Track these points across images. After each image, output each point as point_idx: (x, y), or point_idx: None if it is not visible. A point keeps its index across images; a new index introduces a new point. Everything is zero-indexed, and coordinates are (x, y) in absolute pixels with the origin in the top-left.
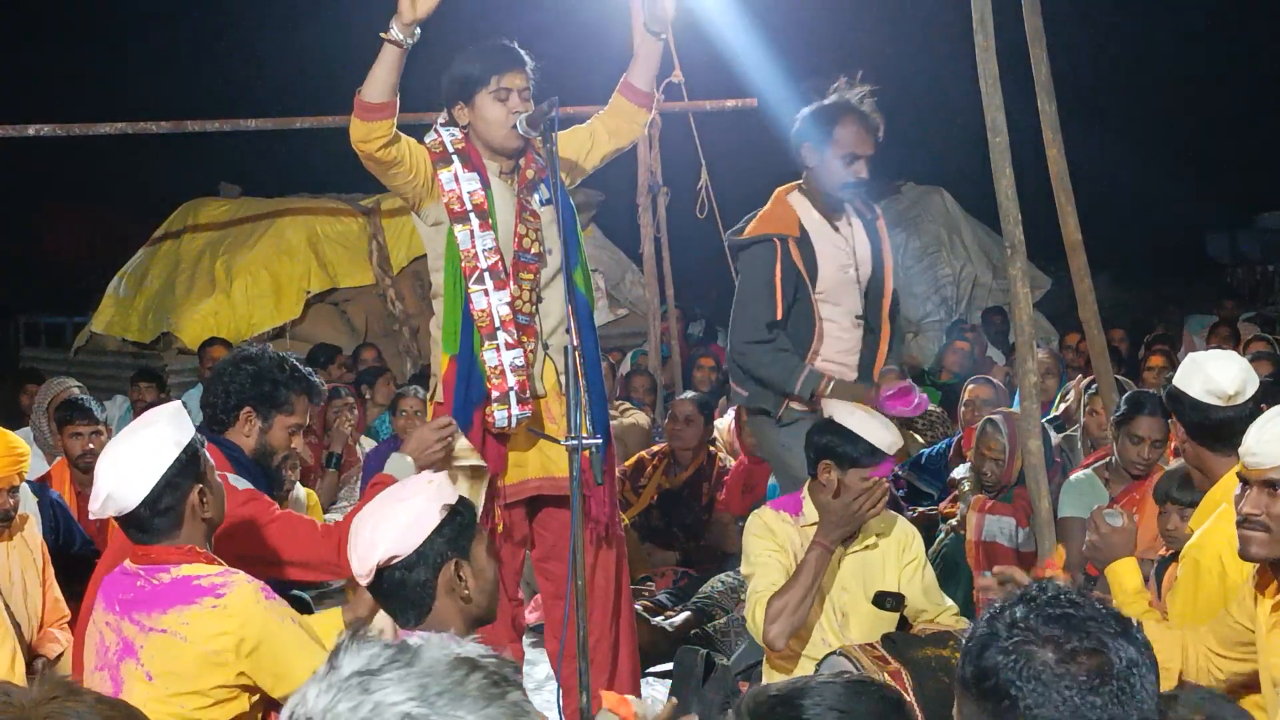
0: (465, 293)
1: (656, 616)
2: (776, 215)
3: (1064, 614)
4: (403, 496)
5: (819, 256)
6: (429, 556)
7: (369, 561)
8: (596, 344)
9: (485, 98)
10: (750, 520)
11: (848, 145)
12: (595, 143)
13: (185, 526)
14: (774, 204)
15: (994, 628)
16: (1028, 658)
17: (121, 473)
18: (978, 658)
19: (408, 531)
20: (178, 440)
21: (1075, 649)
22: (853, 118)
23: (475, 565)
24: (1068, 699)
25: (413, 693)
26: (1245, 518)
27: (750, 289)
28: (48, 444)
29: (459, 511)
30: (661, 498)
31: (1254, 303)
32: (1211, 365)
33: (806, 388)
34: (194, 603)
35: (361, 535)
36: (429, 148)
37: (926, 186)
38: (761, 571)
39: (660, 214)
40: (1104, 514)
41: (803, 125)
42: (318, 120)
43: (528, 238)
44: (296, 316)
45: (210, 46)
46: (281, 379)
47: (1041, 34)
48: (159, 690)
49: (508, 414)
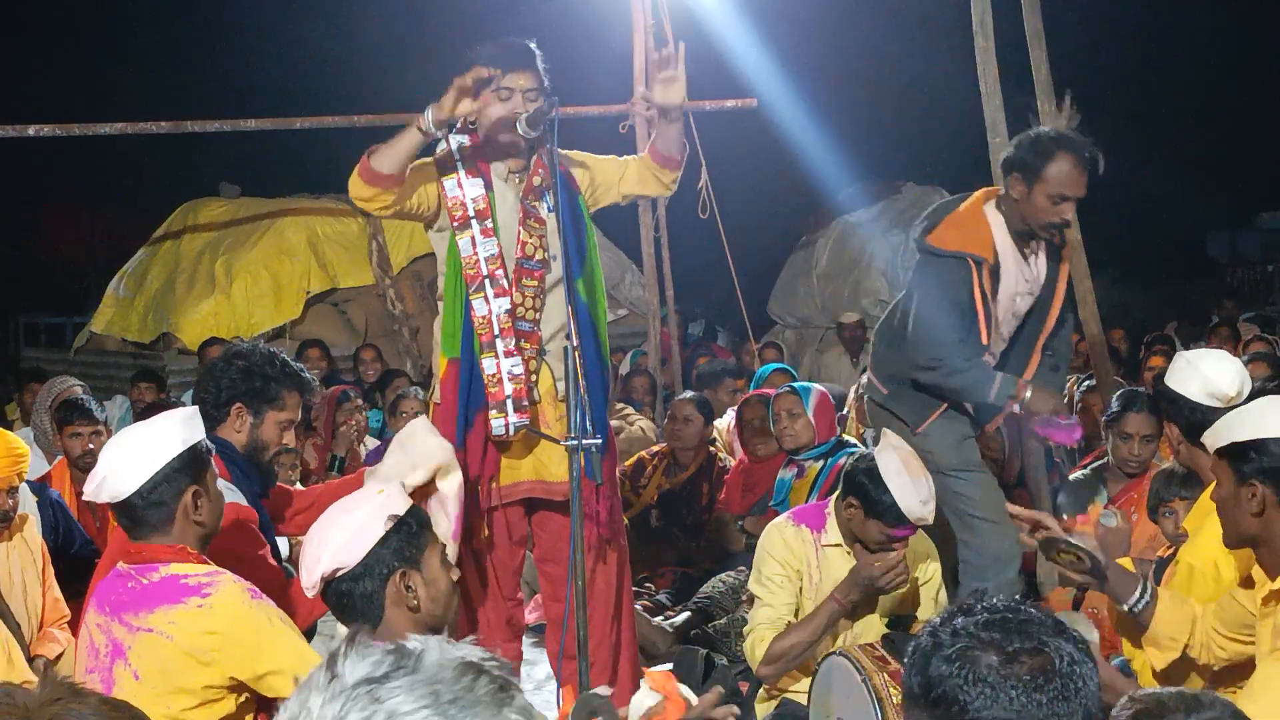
0: (466, 299)
1: (657, 616)
2: (975, 233)
3: (1002, 619)
4: (349, 508)
5: (1001, 285)
6: (374, 568)
7: (314, 573)
8: (599, 350)
9: (489, 97)
10: (768, 532)
11: (1059, 185)
12: (625, 179)
13: (177, 525)
14: (973, 216)
15: (937, 638)
16: (972, 663)
17: (122, 458)
18: (924, 668)
19: (351, 543)
20: (185, 439)
21: (1017, 650)
22: (1069, 157)
23: (426, 574)
24: (1014, 699)
25: (425, 700)
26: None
27: (939, 302)
28: (48, 444)
29: (406, 522)
30: (661, 498)
31: (1254, 303)
32: (1208, 367)
33: (1003, 394)
34: (180, 602)
35: (309, 547)
36: (436, 158)
37: (926, 186)
38: (768, 598)
39: (660, 214)
40: (1100, 515)
41: (1015, 153)
42: (318, 120)
43: (531, 244)
44: (296, 317)
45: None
46: (272, 374)
47: (1041, 34)
48: (146, 689)
49: (505, 422)
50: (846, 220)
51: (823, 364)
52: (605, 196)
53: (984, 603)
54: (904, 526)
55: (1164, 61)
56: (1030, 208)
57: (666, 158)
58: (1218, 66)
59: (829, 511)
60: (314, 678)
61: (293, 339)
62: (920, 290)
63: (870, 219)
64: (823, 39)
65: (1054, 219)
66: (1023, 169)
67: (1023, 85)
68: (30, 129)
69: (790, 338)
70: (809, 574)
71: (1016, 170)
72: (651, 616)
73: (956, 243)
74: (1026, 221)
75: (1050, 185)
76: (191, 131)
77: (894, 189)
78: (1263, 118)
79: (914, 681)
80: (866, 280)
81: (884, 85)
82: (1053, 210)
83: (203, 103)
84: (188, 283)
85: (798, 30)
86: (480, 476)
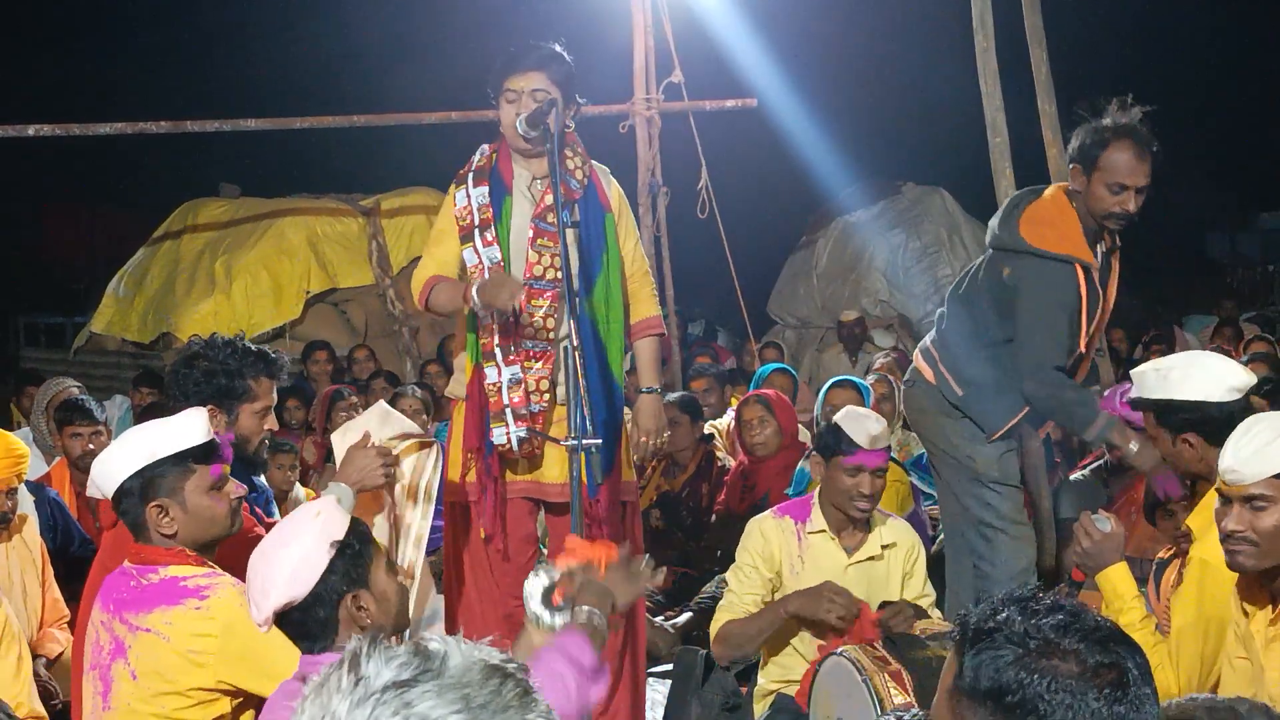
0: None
1: (657, 617)
2: (1073, 233)
3: (1070, 624)
4: (287, 540)
5: (1095, 288)
6: (324, 596)
7: (264, 609)
8: (602, 367)
9: (500, 100)
10: (750, 525)
11: (1117, 174)
12: (625, 252)
13: (151, 534)
14: (1063, 212)
15: (997, 640)
16: (1053, 673)
17: (108, 457)
18: (995, 671)
19: (297, 576)
20: (153, 451)
21: (1098, 663)
22: (1126, 144)
23: (375, 590)
24: (1095, 711)
25: (456, 705)
26: (1229, 534)
27: (1047, 304)
28: (47, 444)
29: (349, 544)
30: (661, 499)
31: (1254, 303)
32: (1211, 365)
33: (1102, 436)
34: (178, 603)
35: (254, 583)
36: (459, 173)
37: (926, 186)
38: (734, 585)
39: (660, 214)
40: (1092, 520)
41: (1073, 143)
42: (318, 120)
43: (539, 264)
44: (296, 316)
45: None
46: (235, 368)
47: (1041, 34)
48: (142, 689)
49: (506, 432)
50: (846, 220)
51: (822, 363)
52: (618, 235)
53: (1044, 601)
54: (858, 451)
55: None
56: (1091, 199)
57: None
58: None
59: (814, 502)
60: (332, 679)
61: (293, 339)
62: (1029, 290)
63: (870, 219)
64: (823, 39)
65: (1115, 209)
66: (1082, 159)
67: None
68: (30, 129)
69: (790, 338)
70: (789, 564)
71: (1076, 161)
72: (652, 616)
73: (1060, 243)
74: (1091, 215)
75: (1108, 174)
76: (191, 131)
77: (894, 189)
78: (1263, 118)
79: (981, 683)
80: (866, 280)
81: (884, 85)
82: (1112, 200)
83: (203, 103)
84: (187, 283)
85: (798, 30)
86: (491, 474)
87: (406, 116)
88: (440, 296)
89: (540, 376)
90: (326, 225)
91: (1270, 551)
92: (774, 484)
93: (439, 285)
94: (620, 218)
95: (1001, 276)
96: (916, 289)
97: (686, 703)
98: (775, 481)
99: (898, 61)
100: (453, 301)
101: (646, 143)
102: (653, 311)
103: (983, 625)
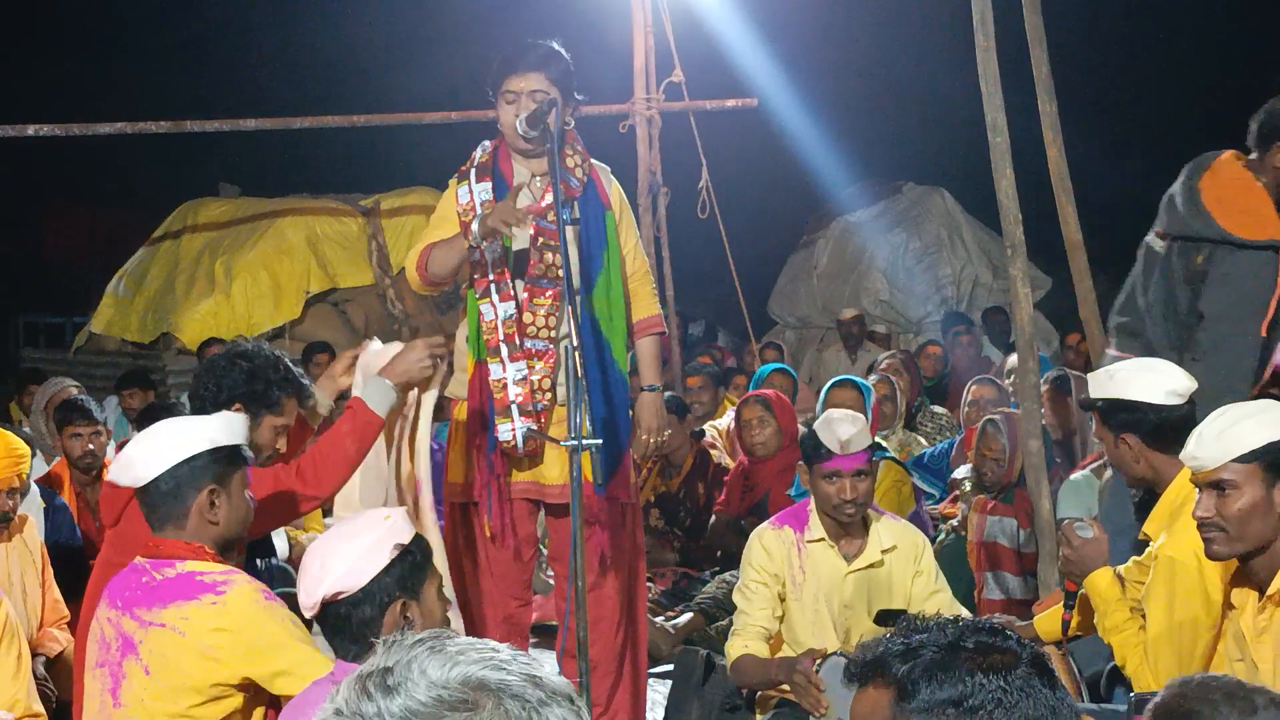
0: (477, 305)
1: (657, 617)
2: (1264, 208)
3: (973, 626)
4: (355, 532)
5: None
6: (376, 595)
7: (315, 594)
8: (601, 366)
9: (499, 100)
10: (750, 540)
11: None
12: (625, 251)
13: (193, 522)
14: (1250, 188)
15: (924, 655)
16: (1002, 668)
17: (149, 445)
18: (946, 679)
19: (356, 568)
20: (213, 438)
21: (1032, 654)
22: None
23: (424, 606)
24: (1045, 698)
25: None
26: (1201, 522)
27: (1244, 293)
28: (46, 445)
29: (411, 551)
30: (659, 499)
31: None
32: (1156, 368)
33: None
34: (194, 599)
35: (310, 568)
36: (461, 170)
37: (926, 186)
38: (745, 606)
39: (660, 214)
40: (1075, 527)
41: (1271, 119)
42: (317, 120)
43: (540, 264)
44: (296, 317)
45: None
46: (275, 379)
47: (1042, 34)
48: (155, 685)
49: (511, 428)
50: (846, 220)
51: (823, 363)
52: (619, 234)
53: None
54: (833, 457)
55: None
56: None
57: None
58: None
59: (810, 510)
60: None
61: (293, 339)
62: (1219, 284)
63: (870, 219)
64: (823, 39)
65: None
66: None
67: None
68: (30, 129)
69: (791, 337)
70: (791, 575)
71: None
72: (653, 617)
73: (1255, 228)
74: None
75: None
76: (191, 131)
77: (894, 189)
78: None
79: (938, 693)
80: (866, 280)
81: (884, 85)
82: None
83: (203, 103)
84: (187, 283)
85: (798, 30)
86: (493, 473)
87: (406, 116)
88: (439, 254)
89: (542, 376)
90: (326, 225)
91: (1241, 536)
92: (774, 484)
93: (436, 246)
94: (620, 216)
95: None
96: (916, 289)
97: (687, 703)
98: (775, 482)
99: (898, 61)
100: (453, 252)
101: (647, 142)
102: (653, 310)
103: (906, 647)
